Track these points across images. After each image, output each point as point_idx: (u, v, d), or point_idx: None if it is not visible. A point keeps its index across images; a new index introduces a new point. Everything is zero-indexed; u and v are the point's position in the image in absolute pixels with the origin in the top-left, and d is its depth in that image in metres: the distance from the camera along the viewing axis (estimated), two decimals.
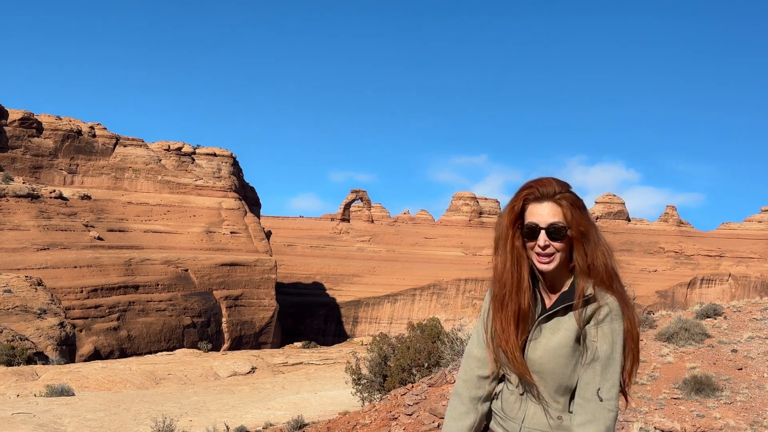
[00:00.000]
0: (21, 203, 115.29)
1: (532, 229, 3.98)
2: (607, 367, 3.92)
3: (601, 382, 3.91)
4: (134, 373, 40.08)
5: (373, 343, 18.02)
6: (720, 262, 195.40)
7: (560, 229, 3.94)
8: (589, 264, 3.97)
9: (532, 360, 4.04)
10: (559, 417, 4.08)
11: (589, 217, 4.08)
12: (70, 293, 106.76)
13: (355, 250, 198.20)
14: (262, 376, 43.15)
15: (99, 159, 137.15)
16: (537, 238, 3.97)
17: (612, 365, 3.93)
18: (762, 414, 12.84)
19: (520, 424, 4.16)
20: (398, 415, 13.07)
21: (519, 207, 4.06)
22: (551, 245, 3.95)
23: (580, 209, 4.01)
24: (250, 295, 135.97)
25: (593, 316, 3.95)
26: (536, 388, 4.05)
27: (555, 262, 3.98)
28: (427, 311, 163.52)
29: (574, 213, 3.98)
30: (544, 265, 3.98)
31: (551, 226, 3.95)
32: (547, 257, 3.97)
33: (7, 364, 43.97)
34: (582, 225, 3.98)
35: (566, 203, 3.99)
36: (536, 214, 3.99)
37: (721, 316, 18.60)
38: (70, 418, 22.89)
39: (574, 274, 4.05)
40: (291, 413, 21.50)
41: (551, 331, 4.02)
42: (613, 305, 3.97)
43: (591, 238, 4.00)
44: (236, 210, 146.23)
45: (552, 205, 3.99)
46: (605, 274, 3.98)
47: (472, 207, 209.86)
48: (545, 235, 3.95)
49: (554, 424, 4.08)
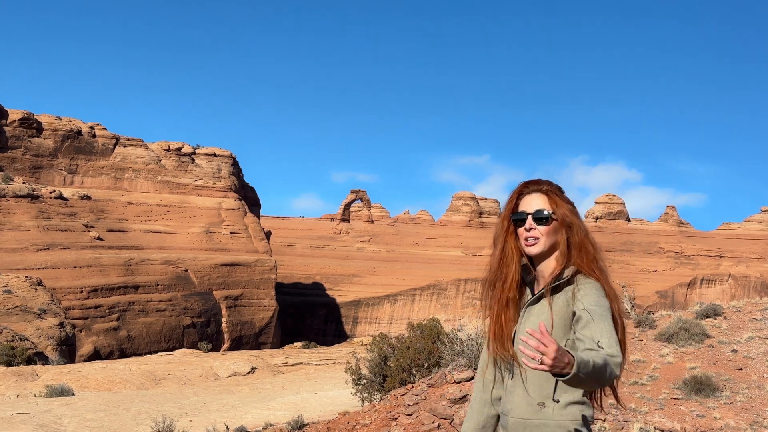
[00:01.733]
0: (21, 203, 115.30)
1: (521, 216, 4.40)
2: (601, 321, 4.08)
3: (598, 335, 4.03)
4: (134, 374, 40.08)
5: (373, 343, 18.02)
6: (720, 263, 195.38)
7: (545, 216, 4.34)
8: (574, 251, 4.34)
9: (520, 341, 4.21)
10: (540, 403, 4.21)
11: (575, 211, 4.47)
12: (70, 293, 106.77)
13: (355, 251, 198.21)
14: (262, 376, 43.15)
15: (99, 159, 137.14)
16: (525, 223, 4.39)
17: (604, 320, 4.09)
18: (762, 414, 12.84)
19: (509, 417, 4.35)
20: (398, 415, 13.08)
21: (513, 202, 4.48)
22: (536, 229, 4.35)
23: (566, 203, 4.43)
24: (250, 295, 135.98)
25: (572, 294, 4.23)
26: (523, 371, 4.28)
27: (539, 246, 4.35)
28: (427, 311, 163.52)
29: (559, 204, 4.40)
30: (529, 248, 4.37)
31: (537, 212, 4.36)
32: (533, 240, 4.36)
33: (7, 365, 43.97)
34: (567, 216, 4.38)
35: (553, 195, 4.42)
36: (525, 204, 4.42)
37: (721, 316, 18.61)
38: (70, 418, 22.89)
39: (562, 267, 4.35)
40: (291, 413, 21.50)
41: (537, 315, 4.31)
42: (593, 284, 4.26)
43: (575, 227, 4.38)
44: (236, 210, 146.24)
45: (540, 196, 4.42)
46: (587, 261, 4.33)
47: (472, 207, 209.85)
48: (531, 220, 4.36)
49: (535, 410, 4.23)
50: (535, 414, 4.22)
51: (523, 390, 4.28)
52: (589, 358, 3.77)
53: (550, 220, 4.34)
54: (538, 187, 4.44)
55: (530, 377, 4.25)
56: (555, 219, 4.35)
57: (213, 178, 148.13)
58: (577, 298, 4.19)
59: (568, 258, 4.33)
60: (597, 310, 4.11)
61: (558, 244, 4.37)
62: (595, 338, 4.00)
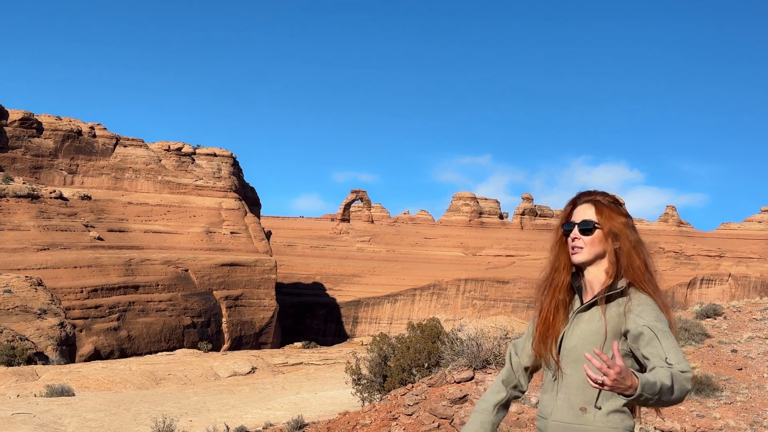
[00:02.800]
0: (21, 203, 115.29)
1: (569, 226, 4.54)
2: (666, 338, 4.11)
3: (665, 352, 4.07)
4: (134, 373, 40.08)
5: (373, 343, 18.01)
6: (720, 263, 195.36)
7: (590, 226, 4.45)
8: (623, 262, 4.40)
9: (567, 348, 4.37)
10: (582, 408, 4.26)
11: (628, 223, 4.55)
12: (70, 293, 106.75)
13: (355, 251, 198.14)
14: (262, 376, 43.15)
15: (99, 159, 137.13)
16: (572, 233, 4.51)
17: (668, 337, 4.13)
18: (762, 414, 12.83)
19: (549, 419, 4.40)
20: (398, 415, 13.08)
21: (568, 211, 4.61)
22: (580, 239, 4.45)
23: (618, 214, 4.50)
24: (250, 295, 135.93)
25: (626, 307, 4.27)
26: (568, 377, 4.33)
27: (583, 255, 4.45)
28: (427, 311, 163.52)
29: (608, 214, 4.47)
30: (573, 256, 4.48)
31: (582, 222, 4.47)
32: (577, 249, 4.46)
33: (7, 364, 43.96)
34: (614, 226, 4.45)
35: (602, 206, 4.50)
36: (577, 214, 4.54)
37: (721, 316, 18.60)
38: (70, 418, 22.89)
39: (614, 277, 4.41)
40: (291, 413, 21.49)
41: (587, 322, 4.37)
42: (645, 299, 4.30)
43: (622, 238, 4.45)
44: (236, 210, 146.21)
45: (589, 206, 4.52)
46: (639, 274, 4.38)
47: (472, 207, 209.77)
48: (576, 230, 4.48)
49: (576, 415, 4.27)
50: (576, 419, 4.26)
51: (566, 394, 4.33)
52: (656, 380, 3.82)
53: (594, 229, 4.43)
54: (590, 197, 4.55)
55: (573, 381, 4.31)
56: (599, 229, 4.43)
57: (213, 178, 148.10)
58: (634, 313, 4.24)
59: (617, 269, 4.40)
60: (659, 326, 4.16)
61: (606, 254, 4.45)
62: (662, 356, 4.06)
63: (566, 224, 4.53)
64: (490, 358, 13.96)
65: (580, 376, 4.27)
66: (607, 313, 4.30)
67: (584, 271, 4.51)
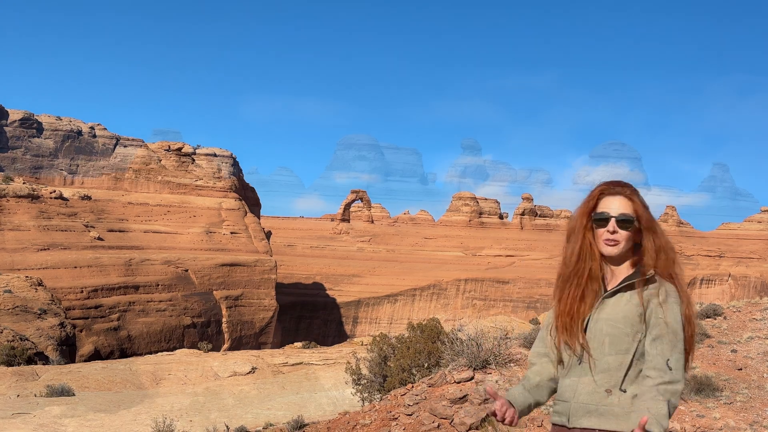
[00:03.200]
0: (21, 203, 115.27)
1: (604, 217, 4.54)
2: (675, 342, 4.33)
3: (670, 353, 4.29)
4: (134, 373, 40.07)
5: (373, 343, 18.02)
6: (720, 263, 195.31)
7: (629, 220, 4.52)
8: (657, 252, 4.51)
9: (593, 331, 4.50)
10: (607, 390, 4.39)
11: (654, 216, 4.68)
12: (71, 293, 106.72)
13: (355, 251, 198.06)
14: (262, 376, 43.13)
15: (99, 159, 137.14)
16: (607, 225, 4.54)
17: (678, 340, 4.34)
18: (762, 414, 12.83)
19: (571, 402, 4.50)
20: (398, 415, 13.08)
21: (594, 201, 4.63)
22: (619, 232, 4.51)
23: (646, 207, 4.62)
24: (250, 295, 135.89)
25: (656, 295, 4.42)
26: (594, 360, 4.46)
27: (619, 248, 4.53)
28: (427, 311, 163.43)
29: (642, 209, 4.57)
30: (609, 248, 4.54)
31: (621, 215, 4.53)
32: (614, 242, 4.52)
33: (7, 365, 43.93)
34: (651, 222, 4.58)
35: (637, 200, 4.59)
36: (609, 206, 4.57)
37: (720, 316, 18.60)
38: (70, 418, 22.89)
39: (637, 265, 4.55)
40: (291, 413, 21.50)
41: (613, 307, 4.51)
42: (671, 290, 4.42)
43: (657, 232, 4.58)
44: (236, 210, 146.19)
45: (624, 199, 4.58)
46: (666, 265, 4.52)
47: (472, 207, 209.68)
48: (614, 223, 4.52)
49: (601, 396, 4.40)
50: (601, 400, 4.39)
51: (591, 377, 4.45)
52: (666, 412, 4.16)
53: (633, 225, 4.52)
54: (622, 190, 4.60)
55: (600, 365, 4.44)
56: (637, 223, 4.53)
57: (213, 178, 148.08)
58: (658, 303, 4.40)
59: (647, 259, 4.51)
60: (675, 327, 4.35)
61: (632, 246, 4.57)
62: (665, 356, 4.29)
63: (598, 214, 4.56)
64: (490, 358, 13.96)
65: (606, 360, 4.40)
66: (632, 301, 4.43)
67: (607, 260, 4.61)
